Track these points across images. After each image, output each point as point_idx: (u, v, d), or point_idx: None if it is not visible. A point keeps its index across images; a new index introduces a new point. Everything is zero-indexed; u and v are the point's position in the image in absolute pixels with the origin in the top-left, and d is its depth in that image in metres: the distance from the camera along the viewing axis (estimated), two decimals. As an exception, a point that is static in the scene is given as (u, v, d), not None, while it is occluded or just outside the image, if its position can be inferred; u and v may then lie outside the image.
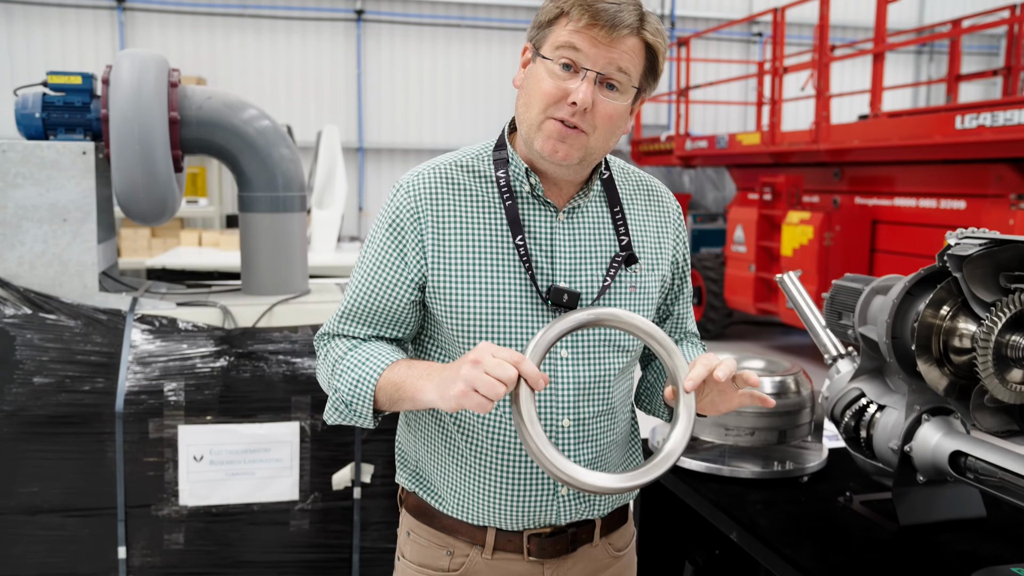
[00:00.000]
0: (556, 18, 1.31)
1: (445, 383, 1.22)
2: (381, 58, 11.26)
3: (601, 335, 1.41)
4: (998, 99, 7.12)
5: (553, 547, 1.45)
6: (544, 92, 1.30)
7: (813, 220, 7.13)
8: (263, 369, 2.45)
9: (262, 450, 2.42)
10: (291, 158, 2.83)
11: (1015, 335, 1.57)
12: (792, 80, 9.30)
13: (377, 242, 1.40)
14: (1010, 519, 1.84)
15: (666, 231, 1.52)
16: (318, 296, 2.81)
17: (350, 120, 11.20)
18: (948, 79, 8.39)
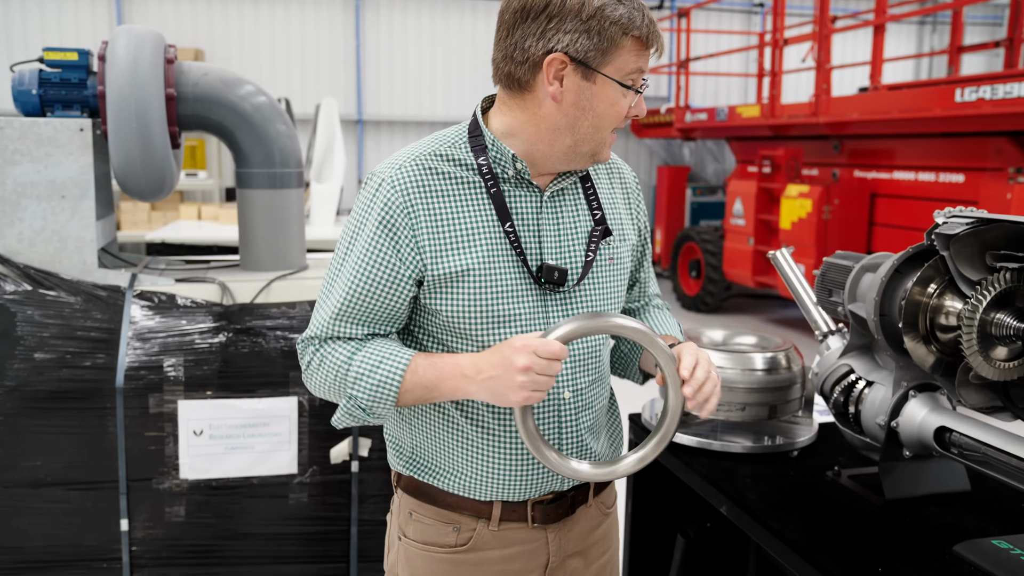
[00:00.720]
0: (620, 40, 1.30)
1: (501, 389, 1.28)
2: (380, 30, 11.18)
3: (588, 305, 1.47)
4: (998, 72, 7.08)
5: (555, 512, 1.51)
6: (619, 115, 1.37)
7: (812, 193, 7.13)
8: (261, 344, 2.48)
9: (261, 424, 2.46)
10: (288, 134, 2.84)
11: (999, 313, 1.59)
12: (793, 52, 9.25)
13: (367, 238, 1.35)
14: (993, 492, 1.88)
15: (628, 201, 1.60)
16: (316, 272, 2.83)
17: (349, 92, 11.15)
18: (950, 50, 8.34)
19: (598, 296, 1.49)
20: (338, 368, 1.36)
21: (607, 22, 1.28)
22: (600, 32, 1.29)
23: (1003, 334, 1.59)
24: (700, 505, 2.12)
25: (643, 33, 1.31)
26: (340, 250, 1.41)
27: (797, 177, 7.74)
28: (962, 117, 5.84)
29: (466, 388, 1.32)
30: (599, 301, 1.49)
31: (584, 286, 1.46)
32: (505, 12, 1.34)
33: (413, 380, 1.34)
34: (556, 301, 1.44)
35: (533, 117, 1.37)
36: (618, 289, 1.54)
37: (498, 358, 1.28)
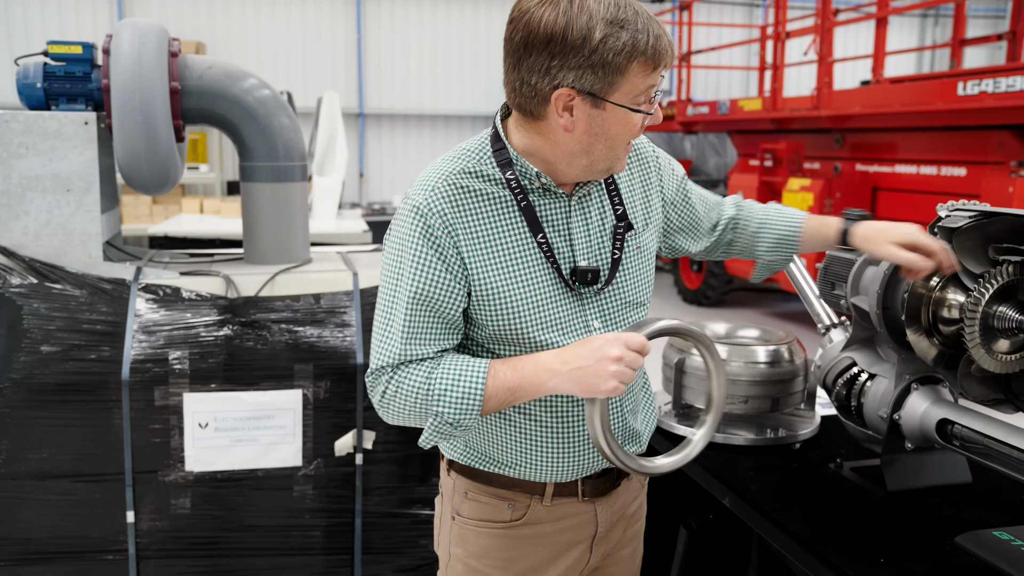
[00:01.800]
0: (628, 66, 1.30)
1: (591, 379, 1.31)
2: (381, 22, 11.17)
3: (622, 298, 1.53)
4: (1000, 65, 7.07)
5: (603, 486, 1.60)
6: (633, 132, 1.39)
7: (813, 187, 7.13)
8: (266, 338, 2.49)
9: (266, 417, 2.47)
10: (291, 127, 2.84)
11: (1002, 306, 1.60)
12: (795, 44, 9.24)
13: (414, 260, 1.37)
14: (995, 484, 1.89)
15: (649, 180, 1.61)
16: (319, 265, 2.84)
17: (350, 86, 11.14)
18: (952, 43, 8.33)
19: (629, 287, 1.54)
20: (418, 389, 1.37)
21: (611, 53, 1.27)
22: (604, 65, 1.28)
23: (1005, 327, 1.60)
24: (703, 497, 2.13)
25: (649, 56, 1.30)
26: (388, 280, 1.41)
27: (799, 171, 7.74)
28: (964, 111, 5.83)
29: (551, 383, 1.36)
30: (630, 292, 1.54)
31: (615, 282, 1.51)
32: (508, 44, 1.34)
33: (495, 385, 1.37)
34: (591, 299, 1.49)
35: (548, 142, 1.40)
36: (647, 276, 1.59)
37: (587, 350, 1.33)
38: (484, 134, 1.49)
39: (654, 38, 1.30)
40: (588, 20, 1.26)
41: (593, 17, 1.26)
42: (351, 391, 2.52)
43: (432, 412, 1.38)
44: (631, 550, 1.76)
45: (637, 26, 1.28)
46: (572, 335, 1.46)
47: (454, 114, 11.42)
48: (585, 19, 1.26)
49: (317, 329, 2.52)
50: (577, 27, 1.26)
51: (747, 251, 1.74)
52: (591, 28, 1.26)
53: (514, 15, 1.33)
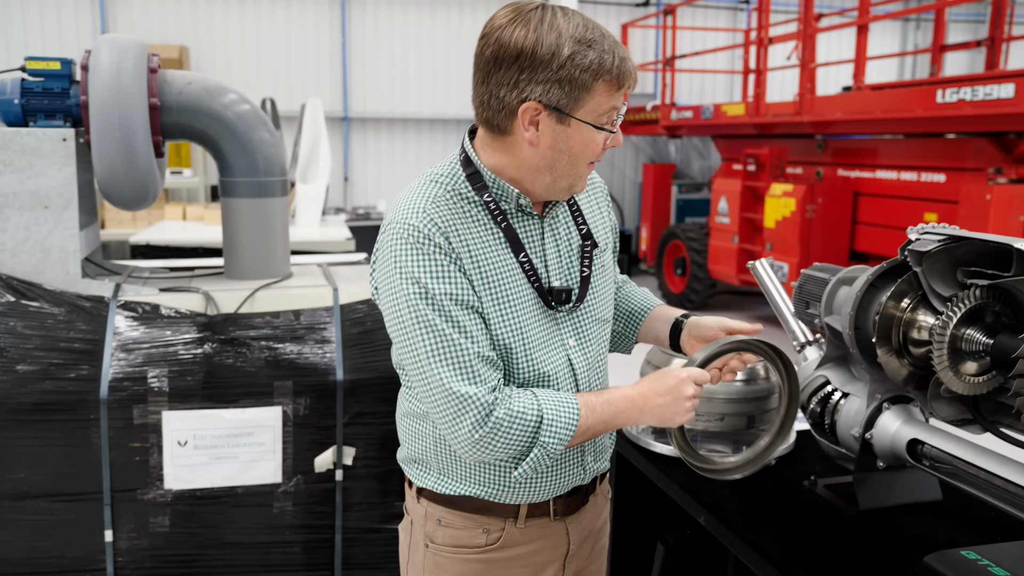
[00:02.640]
0: (593, 85, 1.34)
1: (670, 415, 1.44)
2: (366, 26, 11.15)
3: (592, 315, 1.57)
4: (978, 74, 7.15)
5: (573, 503, 1.62)
6: (595, 151, 1.42)
7: (796, 192, 7.18)
8: (245, 355, 2.49)
9: (245, 434, 2.47)
10: (272, 141, 2.84)
11: (969, 329, 1.63)
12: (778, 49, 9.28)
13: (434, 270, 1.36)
14: (964, 501, 1.91)
15: (601, 207, 1.67)
16: (300, 280, 2.85)
17: (335, 89, 11.12)
18: (933, 49, 8.40)
19: (598, 305, 1.58)
20: (528, 415, 1.38)
21: (578, 70, 1.32)
22: (571, 80, 1.33)
23: (972, 349, 1.62)
24: (680, 513, 2.15)
25: (614, 75, 1.35)
26: (411, 304, 1.37)
27: (781, 176, 7.79)
28: (943, 118, 5.89)
29: (636, 417, 1.46)
30: (599, 309, 1.58)
31: (586, 299, 1.55)
32: (479, 59, 1.38)
33: (592, 418, 1.43)
34: (565, 318, 1.53)
35: (515, 159, 1.43)
36: (611, 293, 1.65)
37: (664, 388, 1.44)
38: (452, 158, 1.50)
39: (620, 60, 1.35)
40: (557, 38, 1.31)
41: (562, 35, 1.32)
42: (331, 407, 2.53)
43: (539, 443, 1.40)
44: (598, 565, 1.80)
45: (604, 47, 1.34)
46: (552, 353, 1.49)
47: (439, 117, 11.42)
48: (554, 36, 1.31)
49: (297, 346, 2.53)
50: (546, 43, 1.31)
51: None
52: (560, 45, 1.31)
53: (485, 31, 1.37)
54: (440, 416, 1.38)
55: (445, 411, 1.37)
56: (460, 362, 1.36)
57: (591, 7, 12.02)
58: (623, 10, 12.22)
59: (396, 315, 1.40)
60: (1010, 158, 5.68)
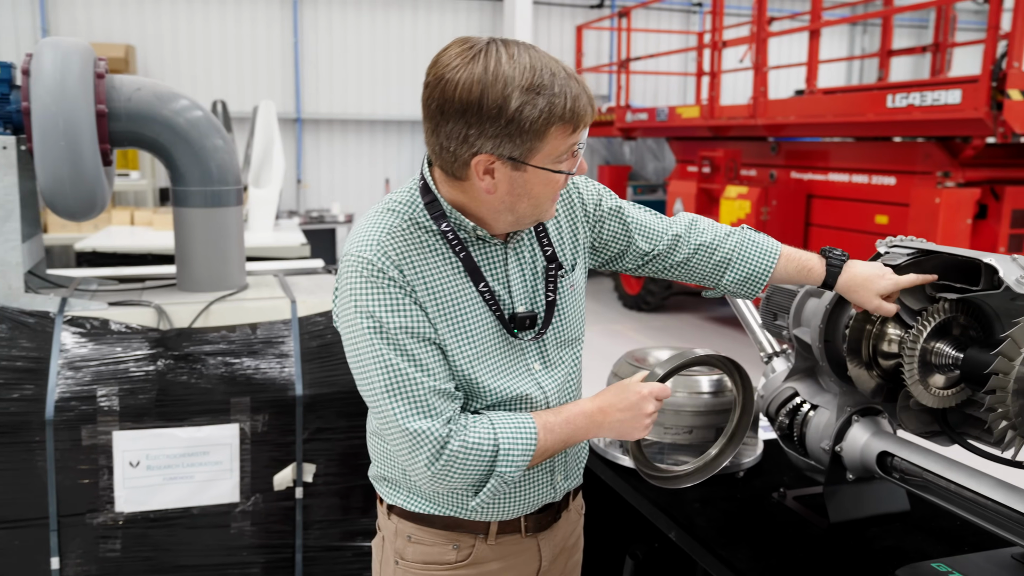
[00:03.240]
0: (546, 131, 1.28)
1: (629, 429, 1.44)
2: (319, 26, 10.99)
3: (558, 338, 1.53)
4: (928, 79, 7.30)
5: (544, 520, 1.60)
6: (557, 189, 1.37)
7: (751, 195, 7.24)
8: (200, 371, 2.40)
9: (201, 453, 2.38)
10: (225, 149, 2.75)
11: (939, 343, 1.63)
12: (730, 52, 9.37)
13: (387, 304, 1.33)
14: (931, 511, 1.92)
15: (574, 215, 1.60)
16: (256, 292, 2.76)
17: (287, 90, 10.94)
18: (880, 54, 8.56)
19: (565, 327, 1.54)
20: (485, 446, 1.36)
21: (527, 123, 1.25)
22: (522, 133, 1.26)
23: (942, 363, 1.63)
24: (648, 526, 2.13)
25: (567, 120, 1.28)
26: (365, 338, 1.33)
27: (736, 178, 7.86)
28: (893, 122, 5.99)
29: (595, 432, 1.45)
30: (566, 331, 1.55)
31: (552, 323, 1.52)
32: (426, 108, 1.31)
33: (550, 439, 1.41)
34: (529, 344, 1.49)
35: (474, 200, 1.38)
36: (580, 311, 1.59)
37: (625, 404, 1.43)
38: (411, 186, 1.47)
39: (571, 100, 1.27)
40: (503, 88, 1.23)
41: (508, 85, 1.24)
42: (290, 424, 2.46)
43: (496, 472, 1.37)
44: None
45: (554, 90, 1.26)
46: (517, 378, 1.47)
47: (393, 119, 11.32)
48: (500, 87, 1.23)
49: (254, 360, 2.45)
50: (492, 96, 1.24)
51: (709, 279, 1.71)
52: (507, 97, 1.24)
53: (429, 79, 1.30)
54: (397, 450, 1.38)
55: (401, 446, 1.36)
56: (413, 397, 1.34)
57: (545, 9, 12.03)
58: (577, 12, 12.25)
59: (353, 349, 1.39)
60: (957, 162, 5.79)
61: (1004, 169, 5.93)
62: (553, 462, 1.55)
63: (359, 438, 2.53)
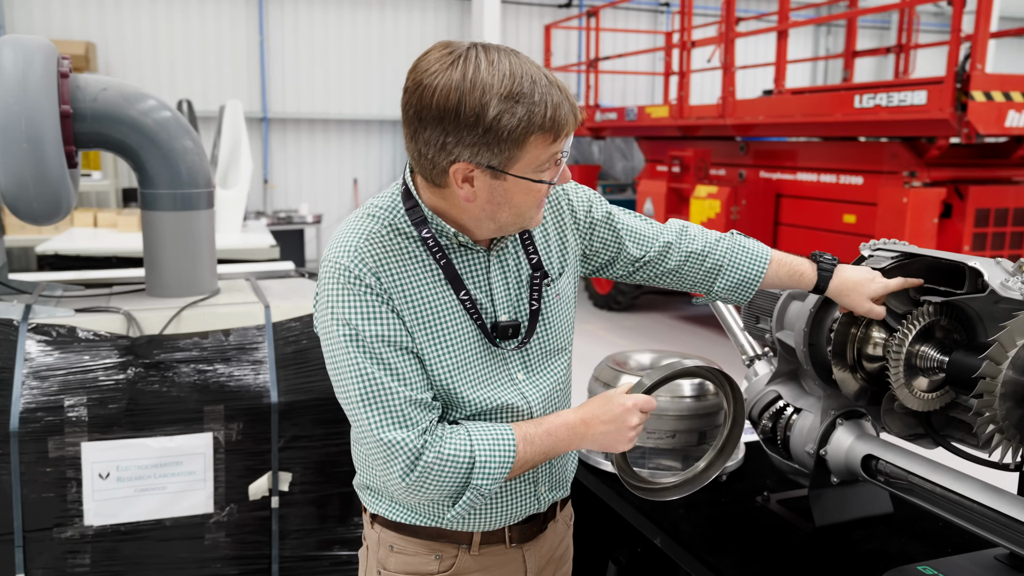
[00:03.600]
0: (526, 140, 1.25)
1: (612, 442, 1.41)
2: (284, 24, 10.86)
3: (543, 347, 1.50)
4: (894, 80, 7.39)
5: (530, 531, 1.56)
6: (539, 198, 1.34)
7: (720, 194, 7.28)
8: (172, 379, 2.34)
9: (173, 463, 2.32)
10: (195, 151, 2.69)
11: (924, 346, 1.63)
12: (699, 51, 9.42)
13: (364, 312, 1.31)
14: (914, 513, 1.93)
15: (563, 221, 1.57)
16: (228, 297, 2.70)
17: (253, 89, 10.79)
18: (845, 55, 8.66)
19: (549, 336, 1.51)
20: (461, 458, 1.33)
21: (505, 131, 1.22)
22: (500, 142, 1.23)
23: (927, 366, 1.63)
24: (631, 531, 2.12)
25: (547, 129, 1.25)
26: (341, 347, 1.32)
27: (705, 177, 7.90)
28: (861, 123, 6.06)
29: (578, 443, 1.42)
30: (550, 341, 1.51)
31: (536, 332, 1.48)
32: (405, 114, 1.29)
33: (530, 451, 1.38)
34: (512, 353, 1.46)
35: (454, 208, 1.36)
36: (567, 321, 1.56)
37: (610, 416, 1.40)
38: (393, 190, 1.44)
39: (552, 109, 1.24)
40: (481, 96, 1.21)
41: (486, 93, 1.21)
42: (265, 431, 2.40)
43: (472, 485, 1.35)
44: None
45: (534, 98, 1.23)
46: (498, 388, 1.44)
47: (361, 119, 11.22)
48: (478, 95, 1.21)
49: (228, 367, 2.39)
50: (470, 104, 1.21)
51: (700, 285, 1.68)
52: (484, 105, 1.21)
53: (407, 85, 1.27)
54: (372, 460, 1.36)
55: (376, 456, 1.34)
56: (388, 407, 1.31)
57: (513, 8, 12.00)
58: (545, 11, 12.24)
59: (329, 357, 1.37)
60: (922, 162, 5.87)
61: (968, 169, 6.03)
62: (536, 473, 1.52)
63: (336, 445, 2.49)
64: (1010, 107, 5.37)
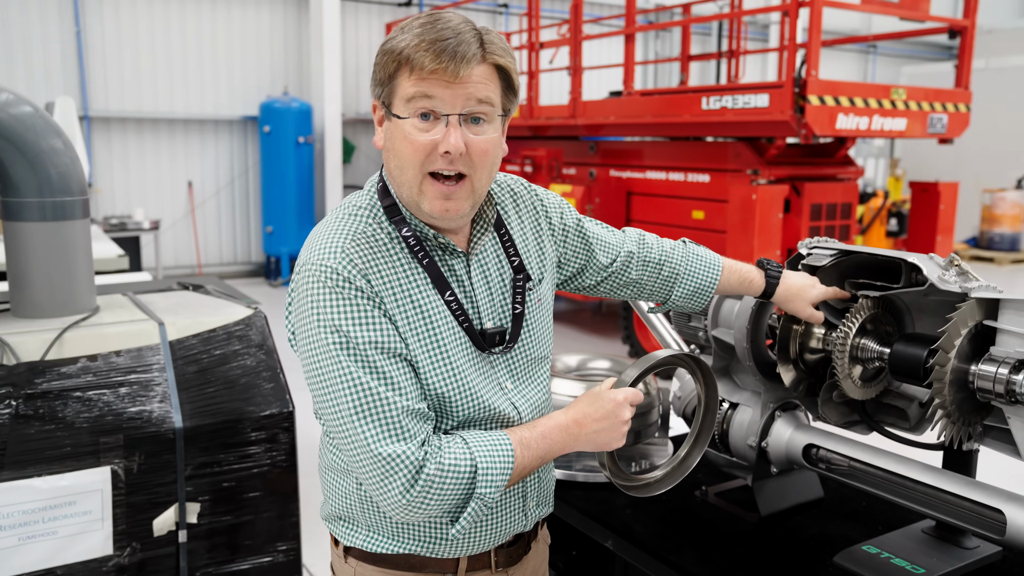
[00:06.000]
0: (396, 71, 1.25)
1: (606, 439, 1.38)
2: (104, 16, 10.04)
3: (528, 354, 1.47)
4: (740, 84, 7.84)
5: (516, 553, 1.52)
6: (414, 151, 1.26)
7: (575, 193, 7.46)
8: (60, 410, 2.09)
9: (65, 504, 2.08)
10: (66, 152, 2.41)
11: (864, 339, 1.72)
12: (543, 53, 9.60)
13: (355, 316, 1.23)
14: (839, 495, 2.04)
15: (539, 226, 1.55)
16: (112, 315, 2.44)
17: (71, 86, 9.91)
18: (681, 59, 9.10)
19: (534, 343, 1.48)
20: (463, 467, 1.26)
21: (384, 57, 1.26)
22: (382, 68, 1.27)
23: (867, 357, 1.72)
24: (566, 535, 2.11)
25: (405, 56, 1.22)
26: (330, 354, 1.23)
27: (559, 177, 8.06)
28: (708, 123, 6.39)
29: (572, 445, 1.37)
30: (535, 347, 1.48)
31: (521, 338, 1.44)
32: None
33: (527, 456, 1.33)
34: (499, 359, 1.42)
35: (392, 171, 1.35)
36: (549, 328, 1.53)
37: (601, 413, 1.36)
38: (370, 187, 1.39)
39: (418, 40, 1.22)
40: (399, 32, 1.26)
41: (404, 30, 1.25)
42: (170, 461, 2.20)
43: (476, 494, 1.27)
44: None
45: (414, 30, 1.24)
46: (490, 397, 1.39)
47: (194, 118, 10.57)
48: (395, 32, 1.27)
49: (123, 393, 2.17)
50: (389, 40, 1.27)
51: (659, 294, 1.70)
52: (392, 38, 1.26)
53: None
54: (367, 478, 1.26)
55: (372, 473, 1.25)
56: (386, 419, 1.24)
57: (352, 6, 11.74)
58: (385, 10, 12.06)
59: (315, 368, 1.27)
60: (763, 161, 6.27)
61: (803, 167, 6.50)
62: (525, 487, 1.48)
63: (246, 469, 2.32)
64: (840, 110, 5.84)
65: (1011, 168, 14.15)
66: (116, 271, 4.65)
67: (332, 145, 10.46)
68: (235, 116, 10.82)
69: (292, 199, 10.35)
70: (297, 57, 11.24)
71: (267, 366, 2.38)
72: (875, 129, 6.10)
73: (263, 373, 2.36)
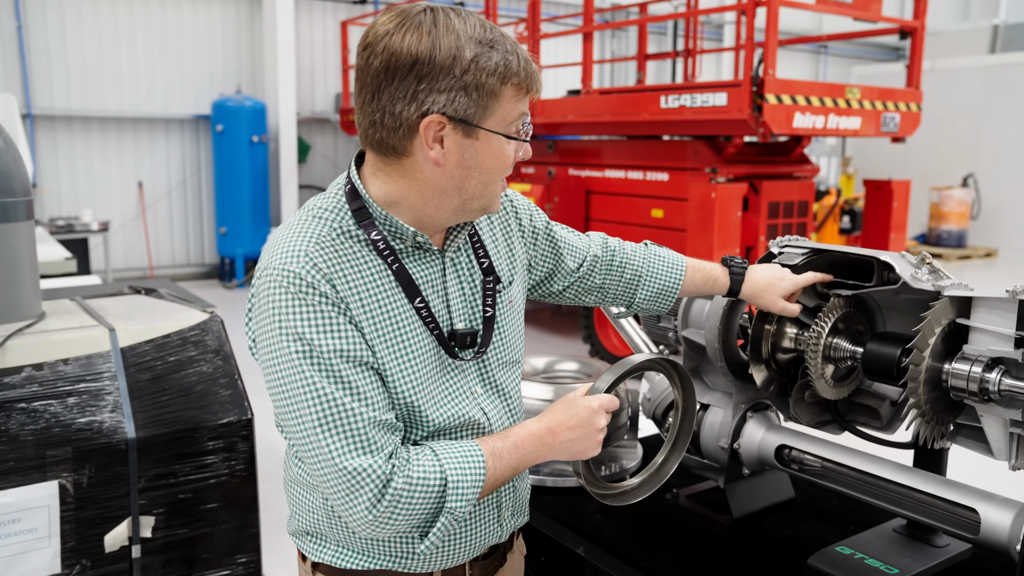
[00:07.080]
0: (500, 89, 1.19)
1: (581, 448, 1.33)
2: (47, 11, 9.75)
3: (500, 358, 1.42)
4: (699, 82, 7.87)
5: (492, 565, 1.48)
6: (507, 165, 1.26)
7: (534, 192, 7.43)
8: (2, 423, 1.99)
9: (9, 523, 1.97)
10: (8, 151, 2.30)
11: (837, 338, 1.71)
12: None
13: (319, 323, 1.17)
14: (810, 495, 2.03)
15: (509, 228, 1.51)
16: (59, 321, 2.34)
17: (12, 82, 9.59)
18: (638, 58, 9.13)
19: (506, 347, 1.43)
20: (432, 480, 1.22)
21: (483, 74, 1.18)
22: (478, 87, 1.18)
23: (840, 356, 1.71)
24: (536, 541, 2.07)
25: (522, 78, 1.22)
26: (292, 364, 1.17)
27: (518, 175, 8.03)
28: (667, 122, 6.40)
29: (546, 455, 1.33)
30: (507, 351, 1.44)
31: (493, 342, 1.40)
32: (365, 74, 1.20)
33: (499, 467, 1.28)
34: (469, 365, 1.37)
35: (415, 183, 1.25)
36: (520, 331, 1.49)
37: (576, 420, 1.32)
38: (336, 190, 1.32)
39: (524, 61, 1.23)
40: (456, 39, 1.17)
41: (460, 37, 1.17)
42: (122, 473, 2.11)
43: (446, 508, 1.22)
44: None
45: (507, 47, 1.21)
46: (461, 404, 1.35)
47: (144, 116, 10.31)
48: (452, 39, 1.17)
49: (71, 403, 2.07)
50: (445, 47, 1.16)
51: (622, 298, 1.67)
52: (460, 47, 1.17)
53: (369, 40, 1.19)
54: (331, 493, 1.21)
55: (337, 488, 1.20)
56: (351, 431, 1.18)
57: (307, 4, 11.57)
58: (340, 7, 11.91)
59: (277, 378, 1.21)
60: (721, 159, 6.30)
61: (760, 165, 6.55)
62: (500, 497, 1.43)
63: (203, 480, 2.24)
64: (796, 109, 5.89)
65: (957, 167, 14.51)
66: (63, 274, 4.51)
67: (287, 144, 10.29)
68: (187, 115, 10.59)
69: (246, 199, 10.16)
70: (250, 54, 11.04)
71: (224, 372, 2.29)
72: (831, 128, 6.17)
73: (220, 380, 2.28)
